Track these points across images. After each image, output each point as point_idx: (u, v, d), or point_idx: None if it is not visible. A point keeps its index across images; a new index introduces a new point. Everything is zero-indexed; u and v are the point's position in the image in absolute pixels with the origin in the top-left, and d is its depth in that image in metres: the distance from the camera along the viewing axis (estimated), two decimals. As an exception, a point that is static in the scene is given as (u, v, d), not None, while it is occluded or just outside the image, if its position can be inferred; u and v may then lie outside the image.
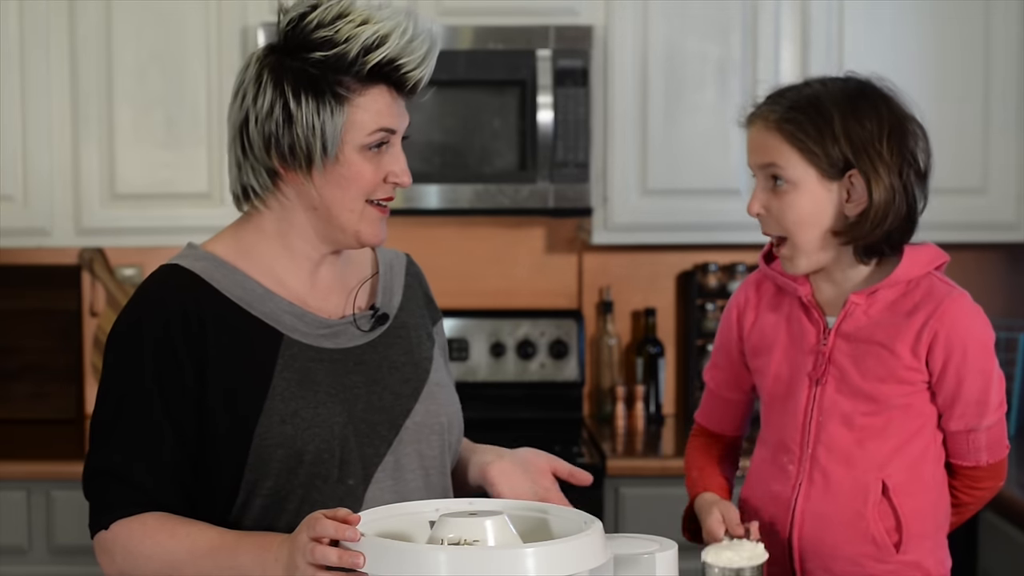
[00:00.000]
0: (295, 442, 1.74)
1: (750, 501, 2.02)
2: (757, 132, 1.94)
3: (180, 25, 3.47)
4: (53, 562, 3.27)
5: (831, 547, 1.92)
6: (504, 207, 3.48)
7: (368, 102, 1.76)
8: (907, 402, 1.91)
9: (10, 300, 3.78)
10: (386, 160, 1.79)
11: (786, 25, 3.52)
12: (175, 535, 1.70)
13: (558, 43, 3.44)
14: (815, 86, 1.94)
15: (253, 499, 1.76)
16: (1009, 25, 3.54)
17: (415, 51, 1.76)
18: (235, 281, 1.80)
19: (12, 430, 3.65)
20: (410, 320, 1.91)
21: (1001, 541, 3.00)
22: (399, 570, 1.43)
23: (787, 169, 1.90)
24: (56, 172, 3.48)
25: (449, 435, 1.87)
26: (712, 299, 3.77)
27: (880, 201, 1.88)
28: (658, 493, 3.26)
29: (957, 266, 3.87)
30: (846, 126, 1.88)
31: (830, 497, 1.92)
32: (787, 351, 1.99)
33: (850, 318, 1.93)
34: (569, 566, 1.45)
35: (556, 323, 3.80)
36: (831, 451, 1.92)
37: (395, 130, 1.78)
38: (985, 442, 1.94)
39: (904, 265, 1.92)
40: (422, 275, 2.02)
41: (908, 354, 1.89)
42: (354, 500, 1.76)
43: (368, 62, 1.73)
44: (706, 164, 3.53)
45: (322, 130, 1.74)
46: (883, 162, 1.88)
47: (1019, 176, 3.57)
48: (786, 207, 1.90)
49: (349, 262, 1.90)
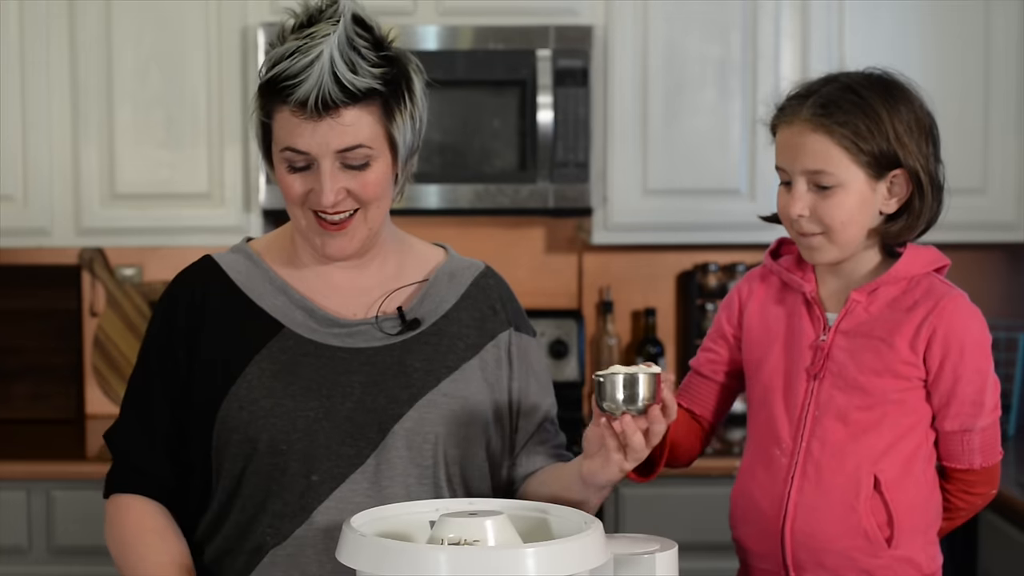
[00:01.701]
0: (248, 429, 1.78)
1: (743, 495, 2.01)
2: (797, 134, 1.88)
3: (180, 25, 3.47)
4: (53, 562, 3.27)
5: (823, 540, 1.92)
6: (504, 207, 3.48)
7: (280, 121, 1.77)
8: (902, 398, 1.91)
9: (10, 300, 3.78)
10: (312, 178, 1.78)
11: (786, 25, 3.52)
12: (134, 544, 1.83)
13: (558, 43, 3.44)
14: (843, 80, 1.90)
15: (219, 479, 1.82)
16: (1009, 25, 3.54)
17: (302, 73, 1.73)
18: (255, 274, 1.87)
19: (12, 430, 3.65)
20: (450, 329, 1.88)
21: (1001, 541, 3.01)
22: (399, 570, 1.43)
23: (837, 172, 1.86)
24: (56, 172, 3.48)
25: (453, 446, 1.83)
26: (712, 299, 3.77)
27: (925, 197, 1.89)
28: (658, 493, 3.26)
29: (957, 266, 3.87)
30: (894, 124, 1.86)
31: (823, 491, 1.92)
32: (787, 346, 1.98)
33: (851, 315, 1.93)
34: (569, 566, 1.45)
35: (556, 323, 3.80)
36: (825, 445, 1.92)
37: (303, 151, 1.75)
38: (979, 444, 1.93)
39: (905, 261, 1.92)
40: (498, 288, 1.96)
41: (906, 348, 1.89)
42: (315, 497, 1.77)
43: (260, 79, 1.78)
44: (706, 164, 3.53)
45: (262, 140, 1.82)
46: (923, 159, 1.88)
47: (1019, 176, 3.57)
48: (834, 208, 1.87)
49: (397, 265, 1.91)
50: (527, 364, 1.94)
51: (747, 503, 1.99)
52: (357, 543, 1.48)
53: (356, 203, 1.79)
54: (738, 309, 2.06)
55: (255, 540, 1.79)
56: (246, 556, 1.79)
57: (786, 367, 1.97)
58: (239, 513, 1.80)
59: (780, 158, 1.91)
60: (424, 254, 1.95)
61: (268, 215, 3.47)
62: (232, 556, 1.81)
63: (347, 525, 1.52)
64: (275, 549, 1.77)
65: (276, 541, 1.77)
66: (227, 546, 1.81)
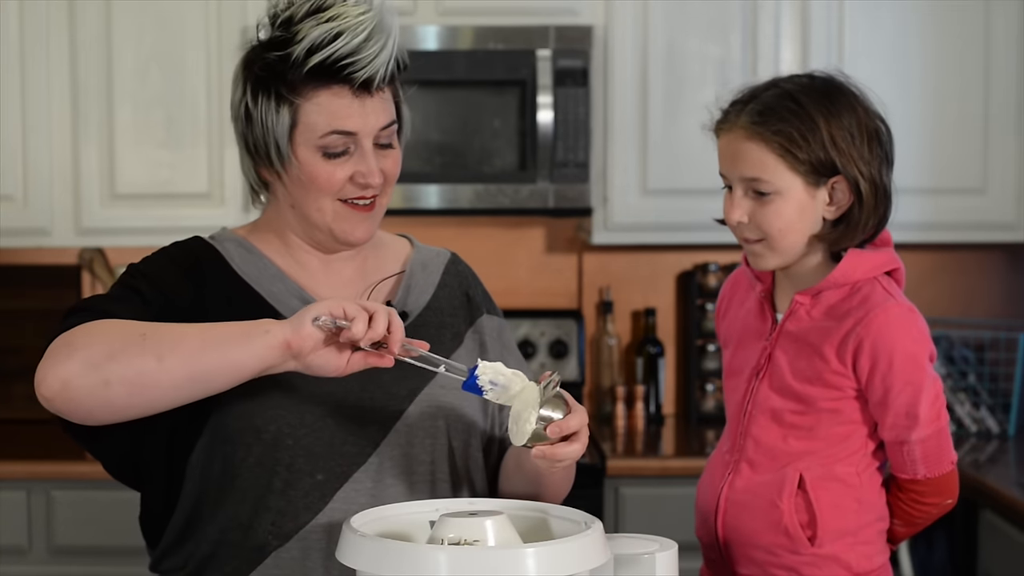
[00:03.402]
0: (255, 418, 1.72)
1: (698, 487, 2.06)
2: (735, 141, 1.90)
3: (180, 25, 3.47)
4: (53, 562, 3.27)
5: (748, 535, 1.94)
6: (504, 207, 3.48)
7: (322, 103, 1.73)
8: (835, 406, 1.90)
9: (10, 300, 3.78)
10: (354, 160, 1.75)
11: (786, 25, 3.52)
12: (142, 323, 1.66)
13: (558, 43, 3.44)
14: (784, 86, 1.90)
15: (210, 464, 1.74)
16: (1009, 25, 3.54)
17: (363, 50, 1.71)
18: (250, 260, 1.82)
19: (12, 430, 3.65)
20: (434, 319, 1.88)
21: (1001, 541, 3.01)
22: (399, 570, 1.43)
23: (773, 180, 1.86)
24: (56, 172, 3.48)
25: (454, 439, 1.83)
26: (712, 299, 3.77)
27: (866, 204, 1.86)
28: (658, 493, 3.27)
29: (957, 266, 3.90)
30: (831, 132, 1.84)
31: (751, 488, 1.94)
32: (742, 344, 2.01)
33: (794, 317, 1.93)
34: (569, 566, 1.45)
35: (556, 323, 3.80)
36: (758, 444, 1.94)
37: (354, 132, 1.74)
38: (920, 455, 1.91)
39: (843, 267, 1.90)
40: (467, 274, 1.97)
41: (834, 358, 1.88)
42: (319, 496, 1.73)
43: (310, 63, 1.71)
44: (706, 164, 3.48)
45: (273, 132, 1.74)
46: (865, 164, 1.86)
47: (1019, 176, 3.57)
48: (772, 215, 1.88)
49: (374, 258, 1.90)
50: (503, 344, 1.95)
51: (698, 494, 2.04)
52: (357, 543, 1.48)
53: (381, 185, 1.78)
54: (718, 312, 2.11)
55: (256, 539, 1.73)
56: (247, 553, 1.74)
57: (739, 366, 2.00)
58: (237, 504, 1.73)
59: (720, 164, 1.94)
60: (394, 245, 1.95)
61: (268, 215, 3.47)
62: (228, 549, 1.74)
63: (347, 525, 1.52)
64: (278, 551, 1.73)
65: (279, 543, 1.73)
66: (224, 539, 1.75)
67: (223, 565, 1.75)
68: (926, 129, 3.53)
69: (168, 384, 1.61)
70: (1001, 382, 3.70)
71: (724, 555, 1.98)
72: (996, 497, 3.00)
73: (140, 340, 1.61)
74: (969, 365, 3.70)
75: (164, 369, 1.60)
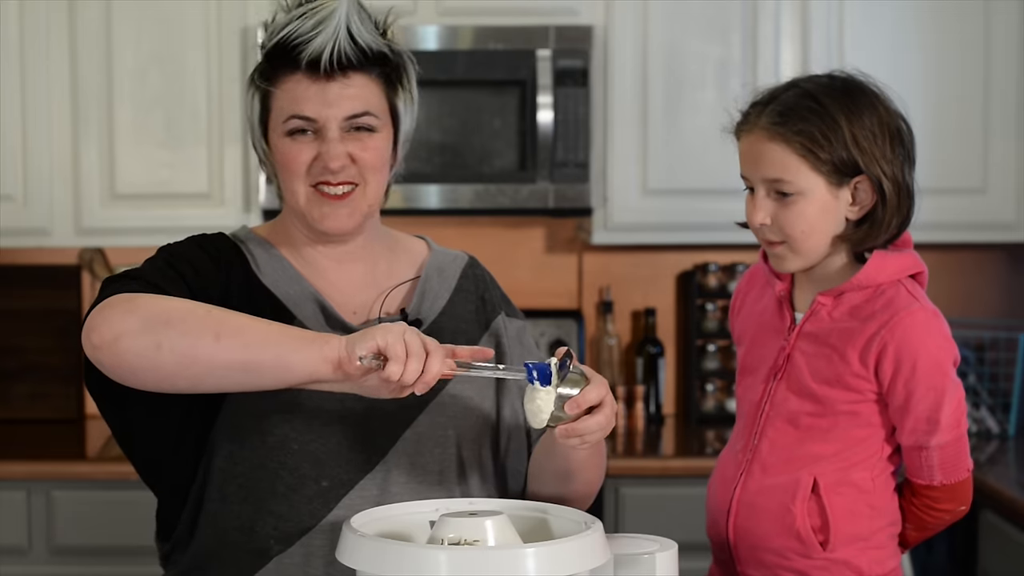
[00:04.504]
0: (261, 419, 1.72)
1: (709, 486, 2.04)
2: (756, 142, 1.88)
3: (180, 25, 3.47)
4: (53, 562, 3.27)
5: (759, 538, 1.93)
6: (504, 207, 3.48)
7: (287, 89, 1.77)
8: (854, 409, 1.89)
9: (10, 300, 3.78)
10: (318, 142, 1.77)
11: (786, 25, 3.52)
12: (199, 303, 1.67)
13: (558, 43, 3.44)
14: (804, 86, 1.89)
15: (214, 451, 1.74)
16: (1009, 25, 3.54)
17: (305, 32, 1.74)
18: (270, 261, 1.83)
19: (12, 430, 3.65)
20: (448, 325, 1.86)
21: (1001, 541, 3.01)
22: (399, 570, 1.43)
23: (795, 180, 1.85)
24: (56, 172, 3.48)
25: (464, 449, 1.81)
26: (712, 299, 3.77)
27: (889, 204, 1.85)
28: (658, 493, 3.27)
29: (957, 266, 3.90)
30: (853, 131, 1.83)
31: (764, 490, 1.93)
32: (757, 342, 2.00)
33: (815, 318, 1.92)
34: (569, 566, 1.45)
35: (556, 323, 3.80)
36: (774, 446, 1.93)
37: (311, 117, 1.75)
38: (938, 461, 1.90)
39: (869, 269, 1.89)
40: (485, 277, 1.96)
41: (856, 361, 1.87)
42: (324, 503, 1.72)
43: (266, 47, 1.77)
44: (706, 164, 3.53)
45: (251, 120, 1.81)
46: (887, 163, 1.85)
47: (1019, 176, 3.57)
48: (795, 217, 1.86)
49: (387, 261, 1.89)
50: (523, 346, 1.93)
51: (709, 494, 2.03)
52: (357, 543, 1.48)
53: (358, 173, 1.78)
54: (733, 307, 2.09)
55: (258, 542, 1.73)
56: (249, 556, 1.73)
57: (754, 365, 1.99)
58: (239, 504, 1.73)
59: (742, 166, 1.91)
60: (411, 249, 1.94)
61: (268, 215, 3.46)
62: (230, 550, 1.74)
63: (347, 525, 1.52)
64: (280, 556, 1.72)
65: (281, 547, 1.72)
66: (226, 539, 1.74)
67: (227, 565, 1.75)
68: (926, 129, 3.53)
69: (219, 364, 1.60)
70: (1001, 382, 3.70)
71: (732, 556, 1.97)
72: (996, 497, 3.00)
73: (204, 315, 1.62)
74: (969, 365, 3.70)
75: (220, 348, 1.59)
